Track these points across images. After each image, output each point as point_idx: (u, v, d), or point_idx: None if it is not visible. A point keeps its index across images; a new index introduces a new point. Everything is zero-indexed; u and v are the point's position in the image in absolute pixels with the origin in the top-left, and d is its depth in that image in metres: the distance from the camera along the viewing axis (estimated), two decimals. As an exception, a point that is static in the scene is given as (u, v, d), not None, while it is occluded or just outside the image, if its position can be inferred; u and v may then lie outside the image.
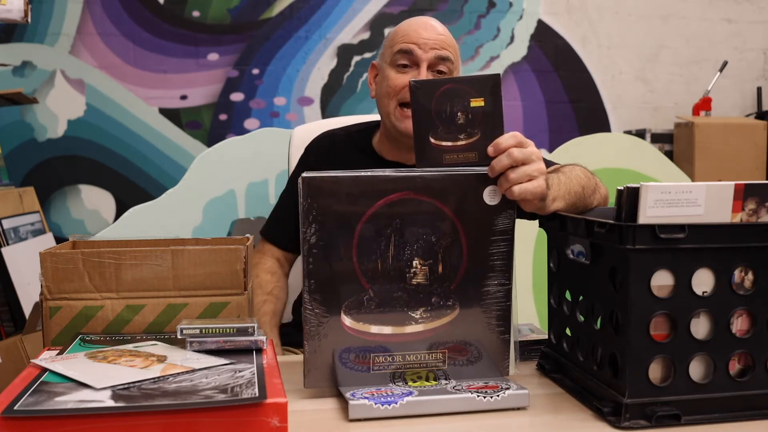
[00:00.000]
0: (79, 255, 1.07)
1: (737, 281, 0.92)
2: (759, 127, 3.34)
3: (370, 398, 0.92)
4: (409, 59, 1.43)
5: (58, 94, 3.12)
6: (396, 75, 1.44)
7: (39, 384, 0.82)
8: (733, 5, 3.72)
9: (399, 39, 1.45)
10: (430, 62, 1.42)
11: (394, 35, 1.48)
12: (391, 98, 1.44)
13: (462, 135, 1.02)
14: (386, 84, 1.45)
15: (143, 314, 1.08)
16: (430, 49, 1.42)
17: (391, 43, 1.47)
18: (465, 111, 1.02)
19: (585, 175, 1.21)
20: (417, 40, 1.43)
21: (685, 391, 0.90)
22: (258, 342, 0.99)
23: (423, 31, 1.44)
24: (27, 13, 2.10)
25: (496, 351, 1.02)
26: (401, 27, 1.48)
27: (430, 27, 1.45)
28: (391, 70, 1.45)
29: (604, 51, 3.61)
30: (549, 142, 3.51)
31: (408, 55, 1.43)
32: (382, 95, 1.47)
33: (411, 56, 1.43)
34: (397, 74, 1.44)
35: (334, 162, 1.54)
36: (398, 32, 1.47)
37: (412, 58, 1.43)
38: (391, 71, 1.45)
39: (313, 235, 0.96)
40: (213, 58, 3.25)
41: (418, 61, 1.42)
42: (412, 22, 1.48)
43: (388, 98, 1.45)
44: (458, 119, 1.02)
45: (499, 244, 1.00)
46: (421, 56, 1.42)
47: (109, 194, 3.20)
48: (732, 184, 0.90)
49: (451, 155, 1.02)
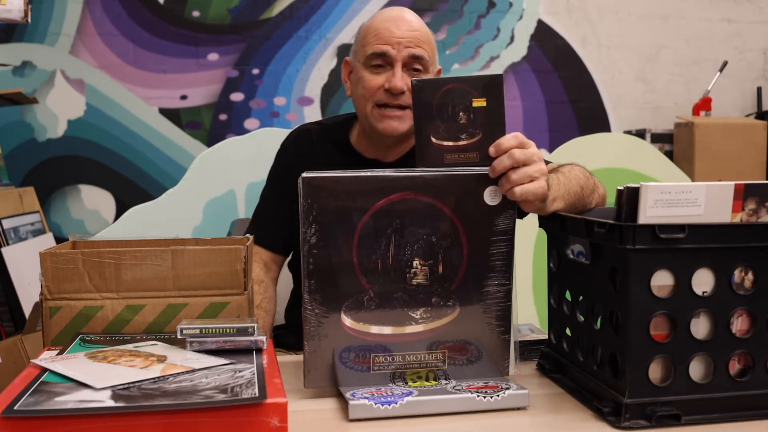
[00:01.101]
0: (79, 255, 1.07)
1: (737, 281, 0.92)
2: (759, 127, 3.34)
3: (370, 398, 0.92)
4: (383, 60, 1.40)
5: (58, 94, 3.12)
6: (370, 76, 1.41)
7: (39, 384, 0.82)
8: (733, 5, 3.72)
9: (371, 39, 1.42)
10: (404, 61, 1.39)
11: (366, 33, 1.44)
12: (368, 100, 1.42)
13: (463, 135, 1.02)
14: (361, 86, 1.43)
15: (143, 314, 1.08)
16: (403, 48, 1.39)
17: (364, 43, 1.44)
18: (467, 111, 1.01)
19: (584, 174, 1.21)
20: (389, 39, 1.39)
21: (685, 391, 0.90)
22: (258, 342, 0.99)
23: (395, 29, 1.40)
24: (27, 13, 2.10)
25: (496, 351, 1.02)
26: (373, 24, 1.44)
27: (403, 23, 1.41)
28: (365, 71, 1.42)
29: (604, 51, 3.61)
30: (549, 142, 3.51)
31: (381, 57, 1.40)
32: (358, 97, 1.45)
33: (384, 57, 1.40)
34: (372, 75, 1.41)
35: (311, 158, 1.53)
36: (370, 30, 1.43)
37: (385, 59, 1.40)
38: (365, 72, 1.42)
39: (313, 236, 0.96)
40: (213, 58, 3.25)
41: (392, 61, 1.39)
42: (384, 18, 1.43)
43: (365, 100, 1.43)
44: (460, 119, 1.01)
45: (500, 244, 1.00)
46: (395, 56, 1.39)
47: (109, 194, 3.20)
48: (732, 184, 0.90)
49: (453, 155, 1.02)
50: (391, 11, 1.46)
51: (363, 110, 1.44)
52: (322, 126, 1.59)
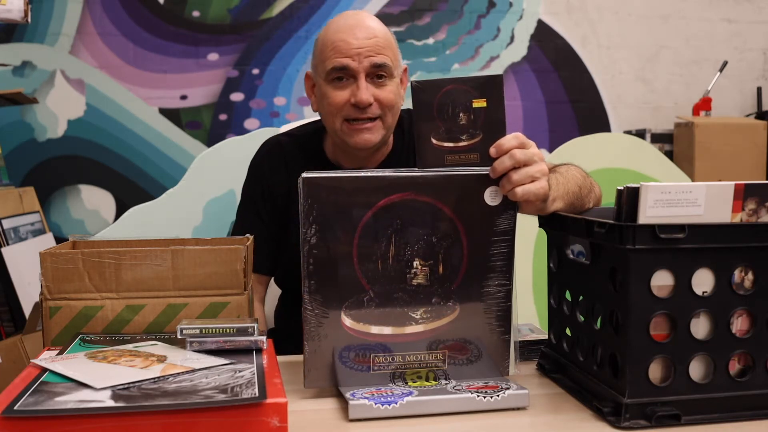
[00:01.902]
0: (79, 255, 1.07)
1: (737, 281, 0.92)
2: (759, 127, 3.34)
3: (370, 398, 0.92)
4: (344, 73, 1.34)
5: (58, 94, 3.12)
6: (334, 92, 1.35)
7: (39, 384, 0.82)
8: (733, 5, 3.72)
9: (329, 53, 1.35)
10: (367, 72, 1.34)
11: (323, 47, 1.37)
12: (335, 116, 1.37)
13: (464, 136, 1.02)
14: (326, 102, 1.37)
15: (143, 314, 1.08)
16: (364, 58, 1.33)
17: (322, 57, 1.37)
18: (467, 111, 1.01)
19: (581, 175, 1.21)
20: (348, 51, 1.33)
21: (685, 391, 0.90)
22: (258, 342, 0.99)
23: (353, 39, 1.33)
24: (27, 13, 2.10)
25: (496, 351, 1.02)
26: (329, 36, 1.37)
27: (360, 31, 1.34)
28: (328, 87, 1.36)
29: (604, 51, 3.61)
30: (549, 142, 3.51)
31: (342, 70, 1.34)
32: (326, 114, 1.40)
33: (346, 71, 1.34)
34: (335, 91, 1.35)
35: (285, 172, 1.47)
36: (327, 43, 1.36)
37: (347, 71, 1.34)
38: (329, 88, 1.36)
39: (313, 236, 0.96)
40: (213, 58, 3.25)
41: (354, 73, 1.34)
42: (340, 29, 1.36)
43: (332, 117, 1.37)
44: (460, 120, 1.01)
45: (500, 244, 1.00)
46: (356, 68, 1.33)
47: (109, 194, 3.20)
48: (732, 184, 0.90)
49: (453, 156, 1.02)
50: (346, 19, 1.38)
51: (332, 126, 1.39)
52: (293, 138, 1.52)
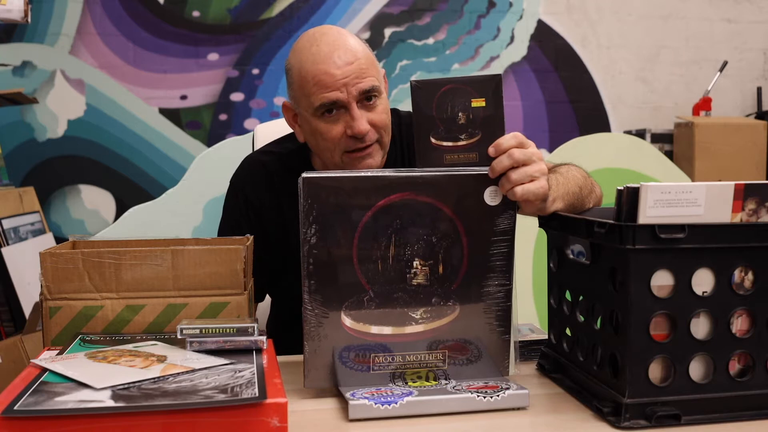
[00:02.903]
0: (79, 255, 1.07)
1: (737, 281, 0.92)
2: (759, 127, 3.34)
3: (370, 398, 0.92)
4: (335, 106, 1.27)
5: (58, 94, 3.12)
6: (328, 127, 1.29)
7: (39, 384, 0.82)
8: (733, 5, 3.72)
9: (313, 89, 1.27)
10: (357, 100, 1.27)
11: (303, 81, 1.29)
12: (333, 151, 1.30)
13: (463, 135, 1.02)
14: (321, 138, 1.30)
15: (143, 314, 1.08)
16: (352, 87, 1.26)
17: (305, 92, 1.29)
18: (466, 111, 1.02)
19: (581, 175, 1.21)
20: (334, 84, 1.26)
21: (685, 391, 0.90)
22: (258, 342, 0.99)
23: (336, 70, 1.26)
24: (27, 13, 2.10)
25: (496, 351, 1.02)
26: (307, 68, 1.28)
27: (338, 57, 1.27)
28: (320, 123, 1.29)
29: (604, 51, 3.61)
30: (549, 142, 3.51)
31: (332, 105, 1.27)
32: (322, 149, 1.32)
33: (335, 104, 1.27)
34: (329, 126, 1.28)
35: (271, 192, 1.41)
36: (306, 78, 1.28)
37: (337, 104, 1.27)
38: (320, 124, 1.29)
39: (313, 236, 0.96)
40: (213, 58, 3.25)
41: (345, 104, 1.27)
42: (317, 60, 1.27)
43: (330, 152, 1.31)
44: (459, 119, 1.02)
45: (500, 244, 1.00)
46: (347, 99, 1.26)
47: (109, 194, 3.20)
48: (732, 184, 0.90)
49: (452, 155, 1.02)
50: (320, 46, 1.28)
51: (331, 160, 1.32)
52: (275, 155, 1.45)
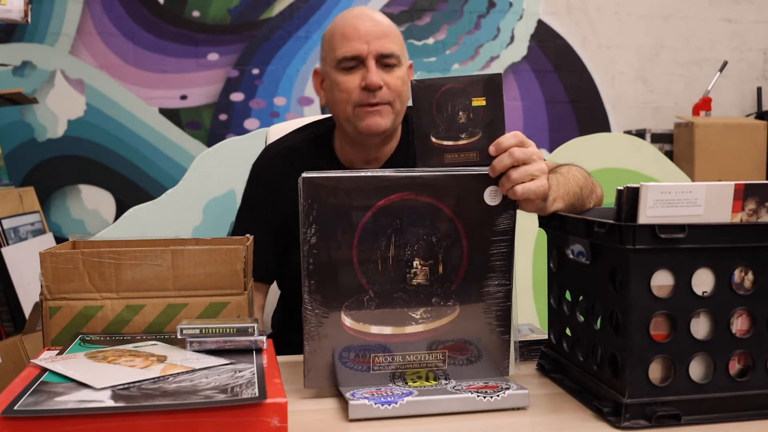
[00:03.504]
0: (79, 255, 1.07)
1: (737, 281, 0.92)
2: (759, 127, 3.34)
3: (370, 398, 0.92)
4: (355, 61, 1.36)
5: (58, 94, 3.12)
6: (345, 78, 1.37)
7: (39, 384, 0.82)
8: (733, 5, 3.72)
9: (339, 42, 1.38)
10: (376, 58, 1.36)
11: (332, 38, 1.40)
12: (347, 103, 1.37)
13: (463, 134, 1.02)
14: (337, 89, 1.39)
15: (143, 314, 1.08)
16: (373, 44, 1.35)
17: (332, 47, 1.40)
18: (466, 110, 1.02)
19: (582, 175, 1.21)
20: (357, 38, 1.36)
21: (685, 391, 0.90)
22: (258, 342, 0.99)
23: (361, 26, 1.36)
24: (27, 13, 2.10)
25: (496, 351, 1.02)
26: (337, 27, 1.40)
27: (367, 19, 1.38)
28: (339, 75, 1.38)
29: (604, 51, 3.61)
30: (549, 142, 3.51)
31: (353, 59, 1.36)
32: (336, 102, 1.40)
33: (356, 58, 1.36)
34: (346, 77, 1.37)
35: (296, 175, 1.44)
36: (335, 34, 1.40)
37: (357, 59, 1.36)
38: (339, 75, 1.38)
39: (313, 236, 0.96)
40: (213, 58, 3.25)
41: (364, 59, 1.36)
42: (347, 20, 1.40)
43: (343, 103, 1.38)
44: (459, 119, 1.02)
45: (500, 244, 1.00)
46: (366, 53, 1.35)
47: (109, 194, 3.20)
48: (732, 184, 0.90)
49: (453, 155, 1.02)
50: (353, 11, 1.42)
51: (343, 114, 1.39)
52: (299, 139, 1.52)
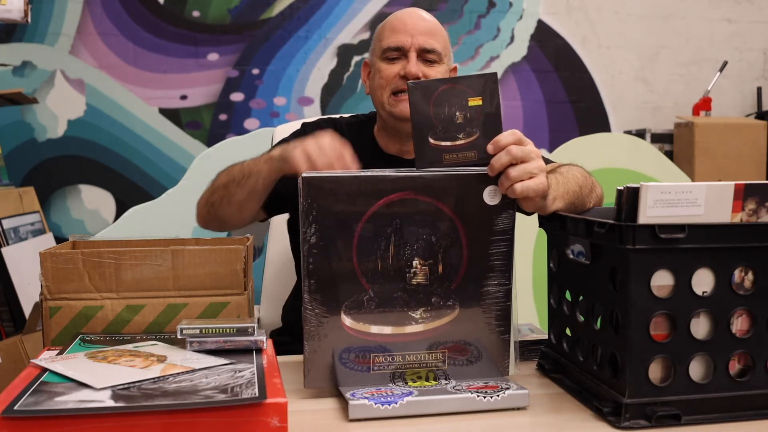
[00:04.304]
0: (79, 255, 1.07)
1: (737, 281, 0.92)
2: (759, 127, 3.34)
3: (370, 398, 0.92)
4: (398, 52, 1.46)
5: (58, 94, 3.12)
6: (386, 66, 1.47)
7: (39, 384, 0.82)
8: (733, 5, 3.72)
9: (386, 34, 1.49)
10: (417, 51, 1.45)
11: (382, 30, 1.52)
12: (384, 89, 1.47)
13: (461, 134, 1.02)
14: (378, 76, 1.49)
15: (143, 314, 1.08)
16: (417, 35, 1.45)
17: (380, 38, 1.51)
18: (463, 110, 1.02)
19: (582, 174, 1.21)
20: (403, 30, 1.46)
21: (685, 391, 0.90)
22: (258, 342, 0.99)
23: (408, 20, 1.48)
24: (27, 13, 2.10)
25: (496, 351, 1.02)
26: (388, 21, 1.52)
27: (415, 15, 1.49)
28: (381, 63, 1.48)
29: (604, 51, 3.61)
30: (549, 142, 3.51)
31: (396, 49, 1.46)
32: (375, 88, 1.50)
33: (399, 49, 1.46)
34: (387, 65, 1.47)
35: None
36: (385, 26, 1.51)
37: (400, 50, 1.46)
38: (382, 64, 1.48)
39: (313, 235, 0.96)
40: (213, 58, 3.25)
41: (406, 51, 1.45)
42: (398, 14, 1.51)
43: (381, 89, 1.48)
44: (457, 119, 1.02)
45: (499, 244, 1.00)
46: (409, 46, 1.45)
47: (109, 194, 3.20)
48: (732, 184, 0.90)
49: (451, 155, 1.02)
50: (405, 9, 1.54)
51: (380, 99, 1.49)
52: (346, 121, 1.62)
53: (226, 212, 1.37)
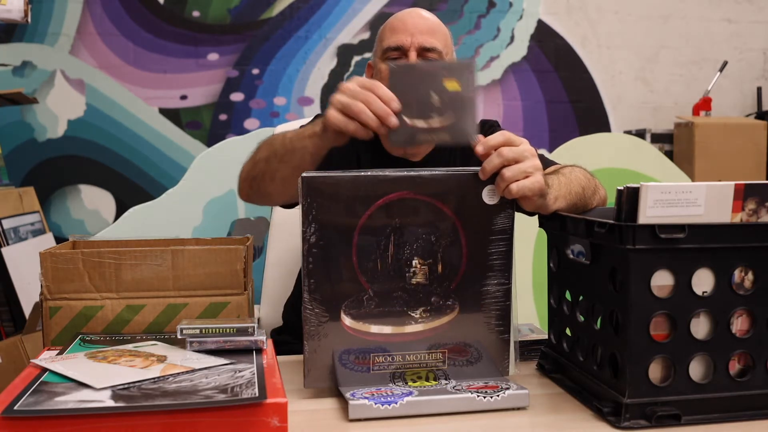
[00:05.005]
0: (79, 255, 1.07)
1: (737, 281, 0.92)
2: (759, 127, 3.34)
3: (370, 398, 0.92)
4: (399, 52, 1.45)
5: (58, 94, 3.12)
6: (386, 66, 1.45)
7: (39, 384, 0.82)
8: (733, 5, 3.72)
9: (387, 34, 1.48)
10: (417, 51, 1.44)
11: (383, 30, 1.51)
12: None
13: (436, 117, 1.04)
14: (379, 77, 1.47)
15: (143, 314, 1.08)
16: (417, 34, 1.44)
17: (381, 39, 1.50)
18: (440, 94, 1.04)
19: (585, 176, 1.21)
20: (403, 30, 1.45)
21: (685, 391, 0.90)
22: (258, 342, 0.99)
23: (408, 19, 1.47)
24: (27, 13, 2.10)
25: (496, 351, 1.02)
26: (389, 21, 1.51)
27: (416, 15, 1.48)
28: (382, 64, 1.47)
29: (604, 51, 3.61)
30: (549, 142, 3.51)
31: (396, 49, 1.45)
32: None
33: (400, 49, 1.45)
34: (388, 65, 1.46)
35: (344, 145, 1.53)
36: (386, 27, 1.50)
37: (401, 50, 1.45)
38: (382, 64, 1.47)
39: (312, 235, 0.96)
40: (213, 58, 3.25)
41: (406, 49, 1.44)
42: (399, 14, 1.51)
43: None
44: (433, 101, 1.04)
45: (499, 243, 1.00)
46: (408, 45, 1.44)
47: (109, 194, 3.20)
48: (732, 184, 0.90)
49: (425, 135, 1.05)
50: (407, 9, 1.53)
51: None
52: None
53: (270, 188, 1.34)
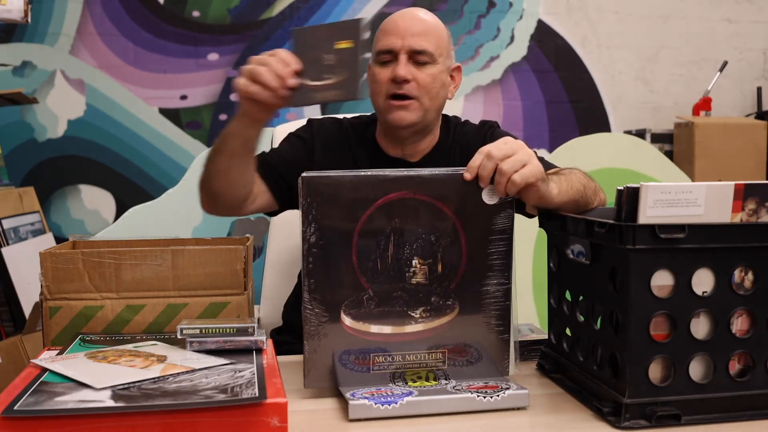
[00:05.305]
0: (79, 255, 1.07)
1: (737, 281, 0.92)
2: (759, 127, 3.34)
3: (370, 398, 0.92)
4: (390, 55, 1.43)
5: (58, 94, 3.12)
6: (379, 70, 1.44)
7: (39, 384, 0.82)
8: (733, 5, 3.72)
9: (380, 36, 1.47)
10: (408, 54, 1.41)
11: (377, 33, 1.49)
12: (380, 94, 1.44)
13: (329, 75, 1.12)
14: (371, 81, 1.47)
15: (143, 314, 1.08)
16: (408, 36, 1.41)
17: (375, 42, 1.49)
18: (333, 53, 1.11)
19: (585, 177, 1.22)
20: (395, 32, 1.43)
21: (685, 391, 0.90)
22: (258, 342, 0.99)
23: (401, 21, 1.44)
24: (27, 13, 2.10)
25: (496, 351, 1.02)
26: (383, 24, 1.49)
27: (409, 16, 1.45)
28: (376, 67, 1.46)
29: (604, 51, 3.61)
30: (549, 142, 3.51)
31: (388, 52, 1.43)
32: (373, 93, 1.48)
33: (391, 52, 1.42)
34: (380, 69, 1.44)
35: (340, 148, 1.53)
36: (380, 30, 1.48)
37: (392, 53, 1.43)
38: (376, 68, 1.46)
39: (312, 235, 0.96)
40: (213, 58, 3.25)
41: (396, 52, 1.41)
42: (394, 16, 1.48)
43: (377, 95, 1.45)
44: (327, 61, 1.12)
45: (498, 243, 1.00)
46: (399, 48, 1.41)
47: (109, 194, 3.20)
48: (732, 184, 0.90)
49: (320, 94, 1.13)
50: (402, 10, 1.50)
51: (378, 105, 1.47)
52: (349, 121, 1.60)
53: (215, 186, 1.31)
